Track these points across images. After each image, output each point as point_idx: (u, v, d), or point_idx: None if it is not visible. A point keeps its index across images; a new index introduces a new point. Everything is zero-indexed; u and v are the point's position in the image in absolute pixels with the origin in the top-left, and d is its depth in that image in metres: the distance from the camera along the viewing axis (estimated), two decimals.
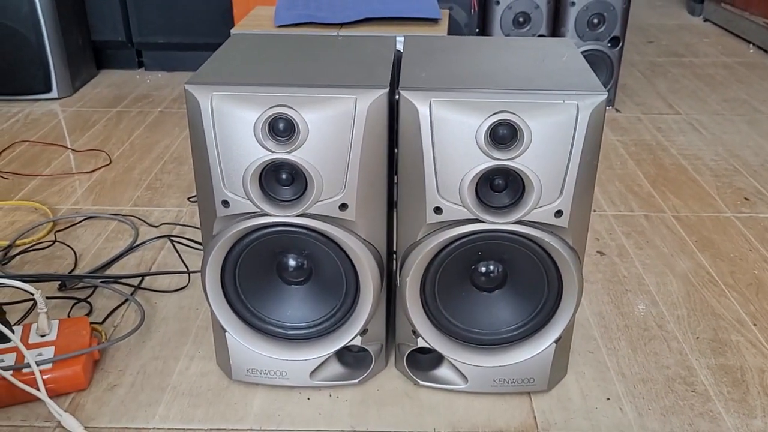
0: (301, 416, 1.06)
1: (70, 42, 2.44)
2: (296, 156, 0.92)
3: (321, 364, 1.08)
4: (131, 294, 1.33)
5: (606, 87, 2.19)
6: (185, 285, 1.37)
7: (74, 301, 1.30)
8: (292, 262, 1.04)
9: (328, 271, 1.03)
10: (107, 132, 2.13)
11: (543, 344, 1.05)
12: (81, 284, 1.36)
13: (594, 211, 1.65)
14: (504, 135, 0.90)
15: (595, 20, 2.18)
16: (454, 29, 2.19)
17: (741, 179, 1.83)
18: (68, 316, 1.26)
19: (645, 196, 1.74)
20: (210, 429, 1.04)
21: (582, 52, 1.29)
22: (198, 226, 1.55)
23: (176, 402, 1.08)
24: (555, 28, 2.22)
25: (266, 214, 0.96)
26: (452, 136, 0.91)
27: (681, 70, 2.76)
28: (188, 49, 2.64)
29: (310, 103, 0.91)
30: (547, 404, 1.08)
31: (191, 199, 1.70)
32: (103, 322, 1.25)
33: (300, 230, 0.97)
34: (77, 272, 1.41)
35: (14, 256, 1.46)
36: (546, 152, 0.91)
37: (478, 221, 0.95)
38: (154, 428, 1.04)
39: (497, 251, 1.01)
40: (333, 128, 0.92)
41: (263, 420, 1.05)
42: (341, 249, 0.99)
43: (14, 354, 1.08)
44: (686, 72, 2.74)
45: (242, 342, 1.06)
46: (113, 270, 1.42)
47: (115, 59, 2.71)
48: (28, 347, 1.09)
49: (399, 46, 1.12)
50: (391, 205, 1.08)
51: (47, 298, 1.16)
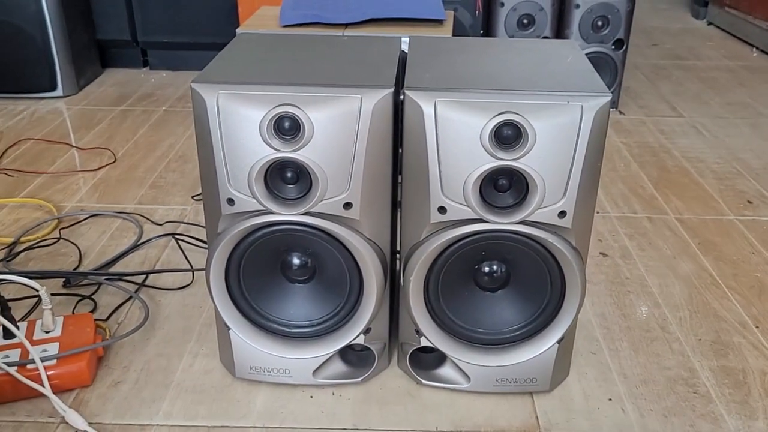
0: (304, 414, 1.06)
1: (76, 40, 2.44)
2: (301, 155, 0.92)
3: (324, 363, 1.09)
4: (135, 291, 1.33)
5: (610, 89, 2.19)
6: (189, 283, 1.37)
7: (78, 298, 1.31)
8: (296, 261, 1.05)
9: (332, 270, 1.04)
10: (112, 130, 2.14)
11: (545, 344, 1.05)
12: (85, 281, 1.36)
13: (597, 213, 1.65)
14: (508, 135, 0.91)
15: (600, 23, 2.18)
16: (459, 30, 2.19)
17: (744, 182, 1.84)
18: (73, 313, 1.27)
19: (648, 198, 1.74)
20: (213, 426, 1.04)
21: (586, 55, 1.29)
22: (202, 225, 1.56)
23: (180, 399, 1.09)
24: (559, 30, 2.23)
25: (271, 213, 0.96)
26: (457, 136, 0.91)
27: (684, 73, 2.76)
28: (193, 49, 2.65)
29: (316, 103, 0.91)
30: (549, 404, 1.09)
31: (195, 198, 1.71)
32: (107, 319, 1.26)
33: (304, 229, 0.98)
34: (82, 269, 1.41)
35: (19, 253, 1.47)
36: (550, 153, 0.91)
37: (482, 221, 0.95)
38: (158, 425, 1.04)
39: (501, 251, 1.01)
40: (338, 127, 0.92)
41: (266, 418, 1.06)
42: (345, 248, 1.00)
43: (19, 350, 1.08)
44: (690, 75, 2.74)
45: (246, 340, 1.07)
46: (117, 267, 1.43)
47: (120, 58, 2.72)
48: (33, 343, 1.10)
49: (404, 47, 1.12)
50: (395, 205, 1.08)
51: (52, 295, 1.17)
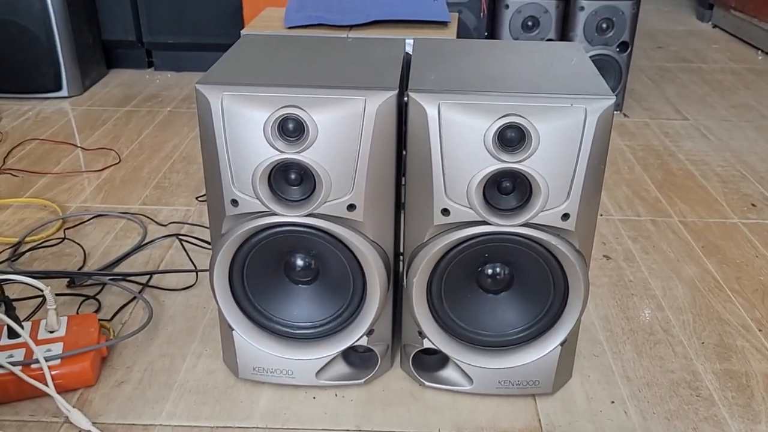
0: (307, 415, 1.07)
1: (81, 41, 2.45)
2: (305, 156, 0.93)
3: (327, 364, 1.09)
4: (139, 292, 1.34)
5: (614, 92, 2.19)
6: (193, 283, 1.38)
7: (83, 298, 1.31)
8: (300, 262, 1.05)
9: (336, 271, 1.04)
10: (117, 131, 2.15)
11: (548, 347, 1.05)
12: (90, 281, 1.37)
13: (601, 216, 1.65)
14: (512, 138, 0.91)
15: (604, 25, 2.18)
16: (463, 32, 2.19)
17: (748, 185, 1.83)
18: (77, 313, 1.27)
19: (652, 201, 1.74)
20: (216, 427, 1.04)
21: (590, 57, 1.29)
22: (206, 225, 1.57)
23: (183, 399, 1.09)
24: (564, 33, 2.23)
25: (275, 214, 0.96)
26: (460, 138, 0.91)
27: (689, 76, 2.76)
28: (198, 50, 2.66)
29: (320, 104, 0.91)
30: (552, 407, 1.09)
31: (200, 199, 1.71)
32: (111, 319, 1.26)
33: (308, 230, 0.98)
34: (86, 269, 1.41)
35: (24, 253, 1.47)
36: (554, 155, 0.91)
37: (486, 223, 0.95)
38: (161, 425, 1.04)
39: (504, 253, 1.01)
40: (342, 129, 0.92)
41: (269, 418, 1.06)
42: (349, 249, 1.00)
43: (23, 350, 1.09)
44: (694, 78, 2.74)
45: (249, 340, 1.07)
46: (122, 268, 1.43)
47: (125, 59, 2.73)
48: (37, 343, 1.10)
49: (408, 49, 1.12)
50: (399, 207, 1.08)
51: (56, 295, 1.17)
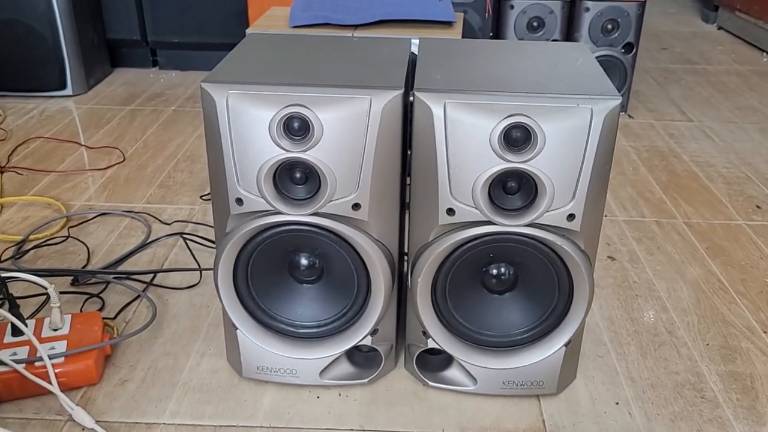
0: (311, 414, 1.06)
1: (86, 40, 2.45)
2: (310, 155, 0.93)
3: (331, 363, 1.09)
4: (143, 290, 1.34)
5: (619, 93, 2.19)
6: (197, 282, 1.38)
7: (87, 297, 1.31)
8: (304, 261, 1.05)
9: (340, 271, 1.04)
10: (121, 130, 2.15)
11: (553, 347, 1.05)
12: (93, 280, 1.37)
13: (605, 217, 1.64)
14: (518, 138, 0.91)
15: (609, 26, 2.18)
16: (468, 33, 2.19)
17: (753, 187, 1.83)
18: (81, 311, 1.27)
19: (656, 202, 1.74)
20: (220, 425, 1.04)
21: (595, 58, 1.28)
22: (210, 224, 1.57)
23: (187, 398, 1.09)
24: (569, 34, 2.22)
25: (279, 213, 0.96)
26: (466, 138, 0.91)
27: (694, 78, 2.75)
28: (202, 49, 2.66)
29: (325, 103, 0.91)
30: (556, 407, 1.08)
31: (204, 198, 1.71)
32: (115, 318, 1.26)
33: (313, 229, 0.98)
34: (90, 268, 1.42)
35: (28, 251, 1.47)
36: (559, 155, 0.91)
37: (491, 223, 0.95)
38: (165, 423, 1.04)
39: (509, 254, 1.01)
40: (347, 128, 0.92)
41: (273, 417, 1.06)
42: (353, 248, 1.00)
43: (27, 347, 1.09)
44: (699, 79, 2.74)
45: (253, 340, 1.07)
46: (125, 266, 1.43)
47: (130, 58, 2.73)
48: (41, 341, 1.10)
49: (414, 49, 1.12)
50: (404, 206, 1.08)
51: (60, 293, 1.17)
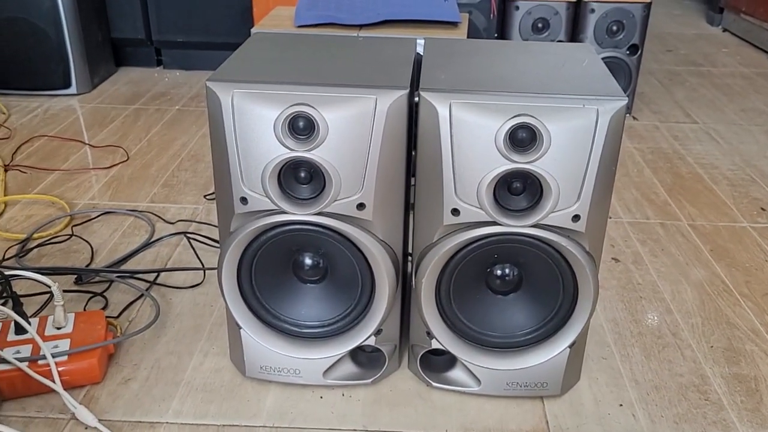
0: (314, 414, 1.06)
1: (90, 39, 2.45)
2: (315, 155, 0.92)
3: (334, 363, 1.08)
4: (147, 289, 1.34)
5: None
6: (200, 282, 1.38)
7: (90, 295, 1.31)
8: (309, 261, 1.05)
9: (344, 271, 1.04)
10: (125, 129, 2.15)
11: (557, 349, 1.05)
12: (97, 278, 1.37)
13: (609, 218, 1.64)
14: (523, 138, 0.90)
15: (614, 27, 2.17)
16: (473, 33, 2.19)
17: (757, 189, 1.83)
18: (84, 310, 1.27)
19: (661, 204, 1.73)
20: (223, 425, 1.04)
21: None
22: (214, 224, 1.57)
23: (190, 397, 1.09)
24: (574, 35, 2.22)
25: (284, 212, 0.96)
26: (471, 138, 0.91)
27: (699, 80, 2.75)
28: (207, 48, 2.66)
29: (331, 103, 0.91)
30: (560, 409, 1.08)
31: (208, 197, 1.71)
32: (119, 317, 1.26)
33: (317, 229, 0.98)
34: (93, 266, 1.42)
35: (31, 249, 1.47)
36: (565, 156, 0.91)
37: (495, 224, 0.95)
38: (168, 422, 1.04)
39: (513, 254, 1.01)
40: (353, 128, 0.92)
41: (276, 417, 1.06)
42: (357, 248, 0.99)
43: (30, 345, 1.09)
44: (704, 81, 2.73)
45: (257, 339, 1.07)
46: (129, 265, 1.43)
47: (134, 57, 2.73)
48: (45, 339, 1.10)
49: (419, 49, 1.12)
50: (408, 206, 1.08)
51: (63, 292, 1.17)
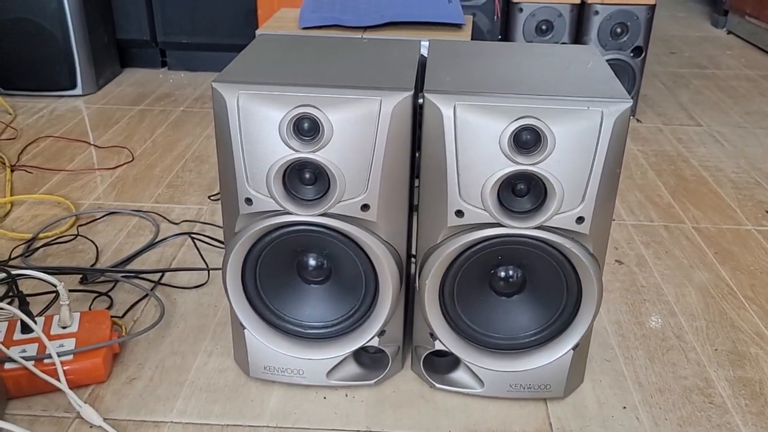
0: (317, 415, 1.07)
1: (96, 40, 2.46)
2: (320, 156, 0.93)
3: (338, 364, 1.09)
4: (151, 289, 1.34)
5: None
6: (205, 282, 1.38)
7: (95, 295, 1.32)
8: (313, 262, 1.05)
9: (348, 272, 1.04)
10: (130, 129, 2.15)
11: (560, 351, 1.05)
12: (102, 278, 1.37)
13: (613, 221, 1.64)
14: (527, 140, 0.90)
15: (619, 29, 2.17)
16: (477, 35, 2.19)
17: (762, 192, 1.82)
18: (89, 309, 1.28)
19: (665, 207, 1.73)
20: (227, 425, 1.04)
21: None
22: (218, 224, 1.57)
23: (194, 397, 1.09)
24: (578, 37, 2.22)
25: (288, 213, 0.97)
26: (476, 140, 0.91)
27: (703, 82, 2.75)
28: (212, 50, 2.67)
29: (336, 104, 0.91)
30: (563, 411, 1.08)
31: (212, 198, 1.71)
32: (123, 316, 1.27)
33: (321, 230, 0.98)
34: (99, 266, 1.42)
35: (37, 249, 1.48)
36: (569, 158, 0.91)
37: (499, 225, 0.95)
38: (172, 422, 1.05)
39: (517, 256, 1.01)
40: (357, 129, 0.92)
41: (279, 417, 1.06)
42: (362, 249, 1.00)
43: (36, 345, 1.09)
44: (708, 84, 2.73)
45: (260, 339, 1.07)
46: (134, 265, 1.44)
47: (139, 58, 2.74)
48: (50, 338, 1.11)
49: (423, 51, 1.12)
50: (412, 208, 1.08)
51: (69, 291, 1.17)
